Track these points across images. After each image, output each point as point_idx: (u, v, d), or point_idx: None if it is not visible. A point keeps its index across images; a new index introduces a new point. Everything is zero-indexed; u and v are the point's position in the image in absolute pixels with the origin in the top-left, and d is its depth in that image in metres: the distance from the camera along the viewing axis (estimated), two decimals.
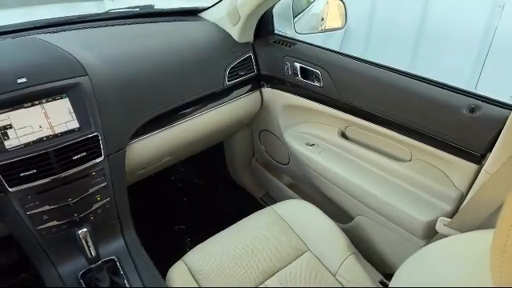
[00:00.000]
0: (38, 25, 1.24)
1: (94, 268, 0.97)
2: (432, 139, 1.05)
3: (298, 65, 1.36)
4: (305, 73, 1.35)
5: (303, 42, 1.41)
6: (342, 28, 1.67)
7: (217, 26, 1.46)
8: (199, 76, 1.30)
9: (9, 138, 0.91)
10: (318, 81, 1.31)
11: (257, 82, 1.52)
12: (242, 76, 1.43)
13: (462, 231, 0.94)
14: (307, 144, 1.45)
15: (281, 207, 1.27)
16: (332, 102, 1.30)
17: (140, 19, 1.42)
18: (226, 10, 1.40)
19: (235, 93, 1.45)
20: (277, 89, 1.50)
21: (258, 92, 1.54)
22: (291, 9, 1.56)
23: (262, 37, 1.49)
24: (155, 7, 1.53)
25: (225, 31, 1.43)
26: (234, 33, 1.42)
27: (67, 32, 1.24)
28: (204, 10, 1.55)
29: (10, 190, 0.91)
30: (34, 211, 0.96)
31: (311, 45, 1.38)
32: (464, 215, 0.96)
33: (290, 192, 1.73)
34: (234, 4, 1.34)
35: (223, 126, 1.48)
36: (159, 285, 1.01)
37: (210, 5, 1.51)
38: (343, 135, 1.39)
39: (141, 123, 1.15)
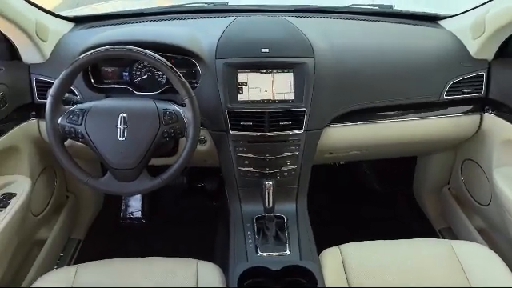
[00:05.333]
0: (288, 9, 1.49)
1: (267, 217, 1.14)
2: None
3: None
4: None
5: None
6: None
7: (453, 36, 1.37)
8: (417, 82, 1.27)
9: (242, 92, 1.16)
10: None
11: (480, 105, 1.35)
12: (465, 94, 1.30)
13: None
14: None
15: (461, 247, 1.13)
16: None
17: (377, 17, 1.47)
18: (470, 22, 1.29)
19: (450, 109, 1.34)
20: (503, 118, 1.29)
21: (477, 116, 1.37)
22: None
23: (506, 57, 1.30)
24: (395, 8, 1.54)
25: (460, 43, 1.33)
26: (472, 47, 1.30)
27: (310, 18, 1.42)
28: (445, 17, 1.47)
29: (230, 132, 1.16)
30: (240, 154, 1.19)
31: None
32: None
33: (479, 237, 1.49)
34: (482, 16, 1.22)
35: (424, 141, 1.41)
36: (312, 256, 1.09)
37: (454, 13, 1.43)
38: None
39: (343, 112, 1.23)
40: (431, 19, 1.50)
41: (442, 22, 1.47)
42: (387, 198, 2.01)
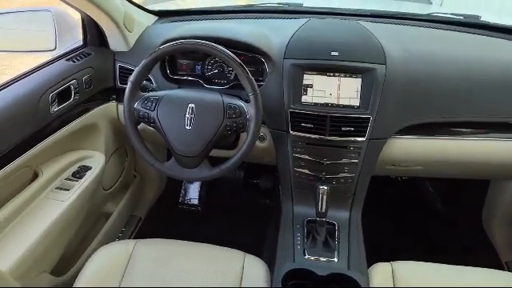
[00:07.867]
0: (363, 13, 1.45)
1: (318, 221, 1.13)
2: None
3: None
4: None
5: None
6: None
7: None
8: (502, 100, 1.17)
9: (306, 94, 1.15)
10: None
11: None
12: None
13: None
14: None
15: None
16: None
17: (461, 27, 1.38)
18: None
19: None
20: None
21: None
22: None
23: None
24: (481, 19, 1.43)
25: None
26: None
27: (386, 24, 1.37)
28: None
29: (290, 132, 1.17)
30: (297, 155, 1.20)
31: None
32: None
33: None
34: None
35: (501, 164, 1.29)
36: (361, 268, 1.06)
37: None
38: None
39: (412, 123, 1.17)
40: None
41: None
42: (450, 220, 1.88)
